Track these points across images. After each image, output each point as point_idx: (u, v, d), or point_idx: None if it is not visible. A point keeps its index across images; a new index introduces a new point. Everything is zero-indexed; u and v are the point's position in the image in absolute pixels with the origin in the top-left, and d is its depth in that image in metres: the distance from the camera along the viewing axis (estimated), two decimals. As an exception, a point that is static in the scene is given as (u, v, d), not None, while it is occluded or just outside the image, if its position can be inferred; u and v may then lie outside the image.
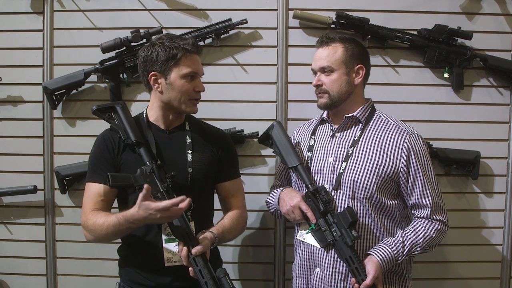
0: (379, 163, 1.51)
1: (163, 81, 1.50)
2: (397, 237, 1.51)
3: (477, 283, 2.11)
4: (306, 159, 1.65)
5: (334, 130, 1.62)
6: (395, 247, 1.48)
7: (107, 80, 2.04)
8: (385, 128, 1.57)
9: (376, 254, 1.47)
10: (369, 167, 1.52)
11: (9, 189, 2.05)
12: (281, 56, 2.06)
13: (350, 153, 1.55)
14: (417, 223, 1.53)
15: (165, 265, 1.48)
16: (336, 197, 1.55)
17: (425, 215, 1.52)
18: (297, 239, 1.65)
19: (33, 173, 2.11)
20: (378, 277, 1.43)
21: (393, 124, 1.57)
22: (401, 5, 2.05)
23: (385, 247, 1.48)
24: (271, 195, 1.76)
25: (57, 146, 2.11)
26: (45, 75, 2.08)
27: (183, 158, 1.54)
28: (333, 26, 2.00)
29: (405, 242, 1.50)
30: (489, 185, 2.09)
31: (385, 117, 1.61)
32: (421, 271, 2.08)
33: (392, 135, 1.54)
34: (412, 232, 1.52)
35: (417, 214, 1.55)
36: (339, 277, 1.53)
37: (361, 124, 1.59)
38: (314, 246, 1.56)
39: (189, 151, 1.56)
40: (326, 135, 1.65)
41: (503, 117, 2.08)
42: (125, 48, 1.99)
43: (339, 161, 1.57)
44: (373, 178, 1.51)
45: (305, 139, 1.72)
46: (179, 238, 1.40)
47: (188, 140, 1.58)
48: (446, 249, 2.10)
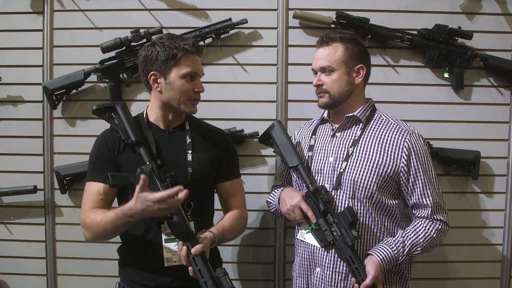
0: (380, 162, 1.51)
1: (163, 81, 1.50)
2: (398, 237, 1.51)
3: (477, 283, 2.11)
4: (306, 158, 1.65)
5: (334, 129, 1.62)
6: (395, 247, 1.48)
7: (107, 80, 2.04)
8: (385, 127, 1.56)
9: (376, 254, 1.47)
10: (369, 166, 1.51)
11: (9, 189, 2.05)
12: (281, 56, 2.06)
13: (350, 152, 1.55)
14: (418, 223, 1.53)
15: (164, 265, 1.48)
16: (336, 197, 1.55)
17: (426, 215, 1.52)
18: (297, 239, 1.64)
19: (33, 173, 2.11)
20: (378, 277, 1.43)
21: (394, 123, 1.57)
22: (401, 5, 2.05)
23: (385, 247, 1.48)
24: (271, 195, 1.76)
25: (57, 146, 2.11)
26: (45, 75, 2.08)
27: (183, 158, 1.54)
28: (333, 26, 2.00)
29: (406, 242, 1.49)
30: (489, 185, 2.09)
31: (385, 116, 1.60)
32: (421, 271, 2.07)
33: (392, 134, 1.54)
34: (412, 232, 1.51)
35: (417, 214, 1.54)
36: (339, 277, 1.53)
37: (361, 123, 1.59)
38: (314, 246, 1.56)
39: (189, 151, 1.56)
40: (326, 134, 1.65)
41: (503, 117, 2.08)
42: (125, 48, 1.99)
43: (339, 160, 1.56)
44: (373, 177, 1.51)
45: (306, 138, 1.72)
46: (178, 237, 1.40)
47: (188, 140, 1.58)
48: (446, 249, 2.09)
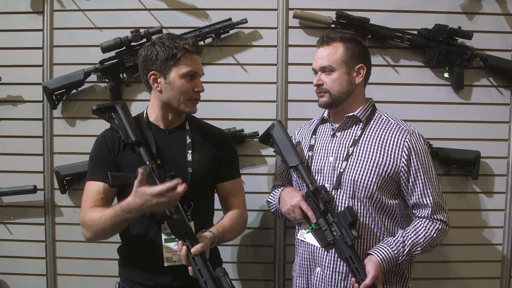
0: (380, 162, 1.51)
1: (163, 81, 1.50)
2: (398, 236, 1.51)
3: (477, 282, 2.11)
4: (306, 158, 1.65)
5: (334, 129, 1.62)
6: (395, 247, 1.48)
7: (107, 79, 2.04)
8: (385, 127, 1.56)
9: (376, 254, 1.47)
10: (369, 166, 1.51)
11: (9, 189, 2.05)
12: (281, 55, 2.05)
13: (350, 152, 1.55)
14: (418, 223, 1.53)
15: (164, 265, 1.48)
16: (336, 197, 1.55)
17: (426, 214, 1.52)
18: (298, 238, 1.64)
19: (33, 173, 2.11)
20: (378, 277, 1.43)
21: (394, 123, 1.57)
22: (401, 4, 2.05)
23: (385, 247, 1.48)
24: (271, 194, 1.76)
25: (57, 146, 2.11)
26: (45, 75, 2.07)
27: (183, 158, 1.54)
28: (333, 25, 2.00)
29: (406, 242, 1.49)
30: (489, 185, 2.09)
31: (386, 116, 1.60)
32: (421, 271, 2.07)
33: (392, 134, 1.54)
34: (412, 231, 1.51)
35: (418, 213, 1.54)
36: (340, 277, 1.53)
37: (361, 123, 1.59)
38: (314, 245, 1.56)
39: (189, 151, 1.56)
40: (326, 134, 1.65)
41: (503, 116, 2.08)
42: (125, 47, 1.99)
43: (339, 160, 1.56)
44: (373, 177, 1.50)
45: (306, 138, 1.71)
46: (178, 237, 1.40)
47: (188, 140, 1.58)
48: (446, 249, 2.09)
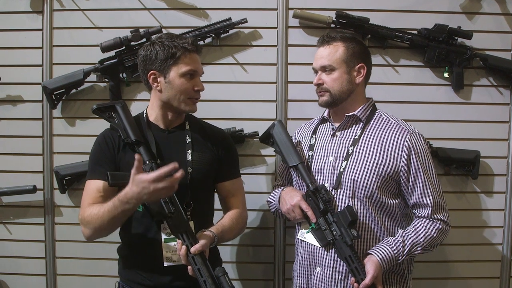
0: (380, 162, 1.51)
1: (162, 80, 1.50)
2: (398, 236, 1.50)
3: (477, 282, 2.11)
4: (306, 158, 1.65)
5: (334, 129, 1.62)
6: (395, 247, 1.47)
7: (106, 79, 2.04)
8: (386, 127, 1.56)
9: (376, 253, 1.46)
10: (369, 166, 1.51)
11: (9, 189, 2.05)
12: (281, 55, 2.05)
13: (350, 152, 1.55)
14: (418, 223, 1.52)
15: (164, 265, 1.47)
16: (336, 196, 1.54)
17: (426, 214, 1.51)
18: (298, 238, 1.64)
19: (32, 172, 2.11)
20: (377, 276, 1.42)
21: (394, 123, 1.57)
22: (401, 4, 2.05)
23: (385, 247, 1.47)
24: (272, 194, 1.76)
25: (57, 145, 2.11)
26: (45, 75, 2.07)
27: (183, 157, 1.53)
28: (333, 25, 2.00)
29: (406, 241, 1.49)
30: (489, 184, 2.09)
31: (386, 116, 1.60)
32: (421, 271, 2.07)
33: (392, 134, 1.53)
34: (412, 231, 1.51)
35: (418, 213, 1.54)
36: (339, 277, 1.53)
37: (361, 123, 1.59)
38: (314, 245, 1.56)
39: (189, 151, 1.55)
40: (326, 134, 1.65)
41: (503, 116, 2.08)
42: (124, 47, 1.99)
43: (339, 160, 1.56)
44: (373, 177, 1.50)
45: (306, 138, 1.71)
46: (178, 237, 1.40)
47: (188, 139, 1.58)
48: (446, 248, 2.09)
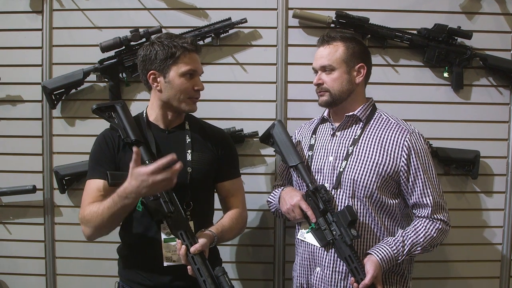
0: (379, 162, 1.51)
1: (162, 80, 1.50)
2: (397, 236, 1.50)
3: (476, 282, 2.11)
4: (306, 158, 1.65)
5: (334, 129, 1.62)
6: (395, 247, 1.47)
7: (106, 79, 2.04)
8: (385, 127, 1.56)
9: (375, 253, 1.46)
10: (369, 166, 1.51)
11: (8, 189, 2.05)
12: (281, 55, 2.05)
13: (350, 152, 1.55)
14: (418, 223, 1.52)
15: (164, 264, 1.47)
16: (336, 196, 1.54)
17: (426, 214, 1.51)
18: (298, 238, 1.64)
19: (32, 172, 2.11)
20: (377, 276, 1.42)
21: (394, 123, 1.57)
22: (400, 4, 2.05)
23: (385, 247, 1.47)
24: (272, 194, 1.76)
25: (56, 145, 2.11)
26: (44, 75, 2.07)
27: (183, 157, 1.53)
28: (332, 25, 2.00)
29: (405, 241, 1.49)
30: (489, 184, 2.09)
31: (386, 116, 1.60)
32: (421, 271, 2.07)
33: (392, 133, 1.53)
34: (412, 231, 1.51)
35: (418, 213, 1.54)
36: (339, 277, 1.53)
37: (361, 123, 1.59)
38: (314, 245, 1.56)
39: (189, 151, 1.55)
40: (326, 134, 1.65)
41: (503, 116, 2.08)
42: (124, 47, 1.99)
43: (339, 160, 1.56)
44: (373, 177, 1.50)
45: (306, 138, 1.71)
46: (177, 236, 1.40)
47: (187, 139, 1.58)
48: (446, 248, 2.09)
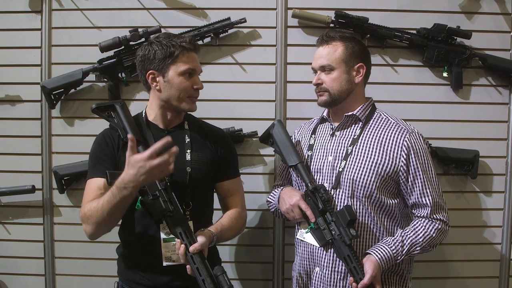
0: (379, 161, 1.51)
1: (161, 79, 1.50)
2: (397, 236, 1.50)
3: (476, 282, 2.11)
4: (306, 158, 1.65)
5: (334, 128, 1.62)
6: (394, 247, 1.47)
7: (105, 79, 2.04)
8: (385, 126, 1.56)
9: (374, 253, 1.46)
10: (368, 165, 1.51)
11: (7, 189, 2.05)
12: (280, 55, 2.05)
13: (349, 151, 1.55)
14: (417, 223, 1.52)
15: (163, 264, 1.47)
16: (335, 196, 1.54)
17: (425, 214, 1.51)
18: (297, 238, 1.64)
19: (31, 172, 2.10)
20: (376, 276, 1.42)
21: (393, 122, 1.56)
22: (400, 4, 2.05)
23: (384, 247, 1.47)
24: (271, 194, 1.76)
25: (55, 145, 2.10)
26: (43, 74, 2.07)
27: (182, 157, 1.53)
28: (332, 25, 2.00)
29: (405, 241, 1.49)
30: (488, 184, 2.09)
31: (385, 115, 1.60)
32: (420, 270, 2.07)
33: (392, 133, 1.53)
34: (411, 231, 1.51)
35: (417, 213, 1.54)
36: (339, 276, 1.53)
37: (361, 122, 1.58)
38: (313, 245, 1.56)
39: (188, 151, 1.55)
40: (326, 133, 1.65)
41: (502, 116, 2.08)
42: (123, 47, 1.98)
43: (338, 159, 1.56)
44: (372, 176, 1.50)
45: (306, 138, 1.71)
46: (177, 236, 1.40)
47: (187, 139, 1.57)
48: (445, 248, 2.09)
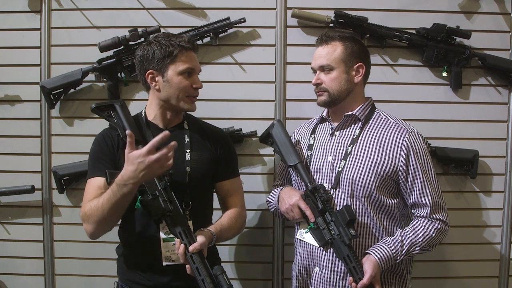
0: (378, 161, 1.51)
1: (160, 79, 1.50)
2: (396, 236, 1.50)
3: (475, 281, 2.12)
4: (305, 157, 1.65)
5: (333, 128, 1.62)
6: (393, 247, 1.47)
7: (105, 79, 2.04)
8: (384, 126, 1.56)
9: (374, 253, 1.46)
10: (368, 165, 1.51)
11: (7, 189, 2.05)
12: (280, 55, 2.05)
13: (349, 151, 1.55)
14: (417, 223, 1.52)
15: (163, 264, 1.47)
16: (335, 196, 1.54)
17: (425, 214, 1.51)
18: (297, 238, 1.64)
19: (30, 172, 2.10)
20: (375, 276, 1.42)
21: (393, 122, 1.56)
22: (399, 4, 2.05)
23: (383, 246, 1.47)
24: (271, 194, 1.76)
25: (55, 145, 2.10)
26: (43, 74, 2.07)
27: (182, 157, 1.53)
28: (331, 25, 2.00)
29: (404, 241, 1.48)
30: (488, 184, 2.09)
31: (385, 115, 1.60)
32: (420, 270, 2.07)
33: (391, 133, 1.53)
34: (411, 231, 1.50)
35: (416, 213, 1.54)
36: (338, 276, 1.53)
37: (360, 122, 1.58)
38: (313, 245, 1.56)
39: (188, 150, 1.55)
40: (325, 133, 1.65)
41: (502, 116, 2.08)
42: (123, 47, 1.98)
43: (338, 159, 1.56)
44: (371, 176, 1.50)
45: (305, 137, 1.71)
46: (176, 235, 1.40)
47: (186, 139, 1.57)
48: (444, 248, 2.09)
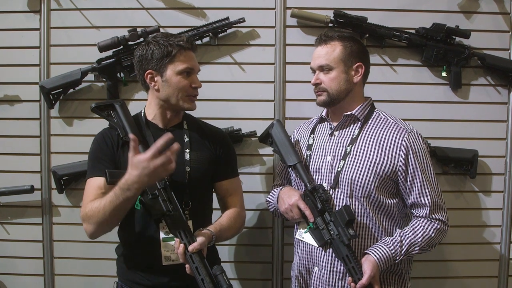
0: (377, 161, 1.51)
1: (159, 79, 1.50)
2: (395, 236, 1.50)
3: (475, 281, 2.11)
4: (305, 157, 1.65)
5: (332, 128, 1.62)
6: (392, 247, 1.47)
7: (104, 79, 2.04)
8: (384, 126, 1.56)
9: (373, 253, 1.46)
10: (367, 165, 1.51)
11: (6, 189, 2.04)
12: (279, 54, 2.05)
13: (348, 151, 1.54)
14: (416, 222, 1.52)
15: (163, 264, 1.47)
16: (334, 196, 1.54)
17: (424, 214, 1.51)
18: (296, 238, 1.64)
19: (30, 172, 2.10)
20: (374, 276, 1.42)
21: (392, 122, 1.56)
22: (399, 3, 2.05)
23: (382, 247, 1.47)
24: (271, 194, 1.76)
25: (54, 145, 2.10)
26: (42, 74, 2.07)
27: (181, 157, 1.53)
28: (330, 25, 2.00)
29: (403, 241, 1.48)
30: (487, 183, 2.09)
31: (384, 115, 1.60)
32: (419, 270, 2.07)
33: (390, 133, 1.53)
34: (410, 231, 1.50)
35: (416, 213, 1.54)
36: (337, 276, 1.53)
37: (359, 122, 1.58)
38: (312, 245, 1.56)
39: (187, 150, 1.55)
40: (325, 133, 1.65)
41: (501, 115, 2.08)
42: (122, 47, 1.98)
43: (337, 159, 1.56)
44: (371, 176, 1.50)
45: (305, 137, 1.71)
46: (176, 235, 1.40)
47: (186, 139, 1.57)
48: (444, 247, 2.09)
